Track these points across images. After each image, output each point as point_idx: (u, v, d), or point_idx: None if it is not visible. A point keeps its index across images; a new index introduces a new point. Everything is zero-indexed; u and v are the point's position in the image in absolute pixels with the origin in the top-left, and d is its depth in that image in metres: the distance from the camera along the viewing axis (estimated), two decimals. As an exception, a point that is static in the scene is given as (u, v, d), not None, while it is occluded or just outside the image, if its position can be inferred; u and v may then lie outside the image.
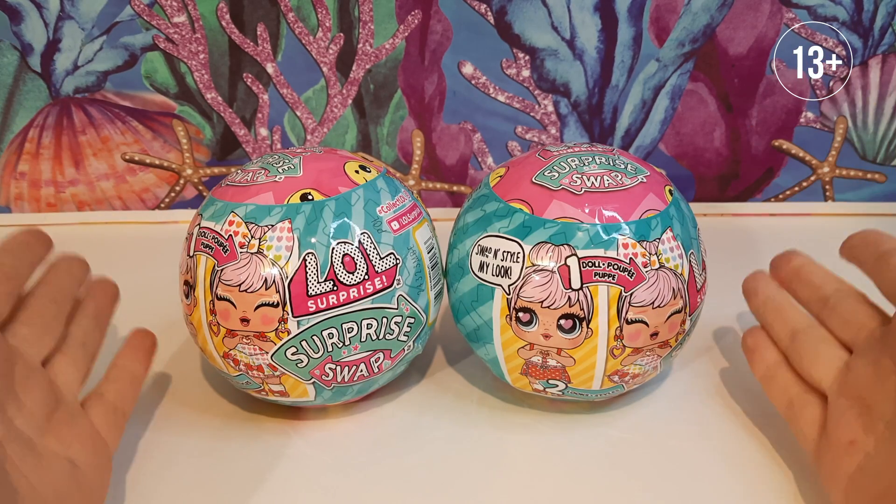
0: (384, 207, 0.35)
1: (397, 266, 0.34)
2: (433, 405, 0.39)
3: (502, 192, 0.36)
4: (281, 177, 0.35)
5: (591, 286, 0.33)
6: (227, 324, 0.34)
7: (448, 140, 0.59)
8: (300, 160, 0.36)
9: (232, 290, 0.33)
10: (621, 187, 0.35)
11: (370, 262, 0.34)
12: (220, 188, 0.36)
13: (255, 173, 0.36)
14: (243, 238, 0.33)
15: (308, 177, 0.35)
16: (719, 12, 0.54)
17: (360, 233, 0.34)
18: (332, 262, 0.33)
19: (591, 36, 0.55)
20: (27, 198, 0.61)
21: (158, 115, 0.58)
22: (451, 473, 0.35)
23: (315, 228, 0.33)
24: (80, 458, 0.31)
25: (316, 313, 0.33)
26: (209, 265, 0.34)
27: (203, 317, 0.35)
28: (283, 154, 0.37)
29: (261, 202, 0.34)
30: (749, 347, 0.38)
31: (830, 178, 0.60)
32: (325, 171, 0.35)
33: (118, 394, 0.35)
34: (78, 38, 0.55)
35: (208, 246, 0.34)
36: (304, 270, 0.33)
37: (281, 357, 0.34)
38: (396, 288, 0.34)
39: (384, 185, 0.36)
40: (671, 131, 0.58)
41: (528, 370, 0.35)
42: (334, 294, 0.33)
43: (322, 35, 0.55)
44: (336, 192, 0.35)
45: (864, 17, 0.54)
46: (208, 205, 0.36)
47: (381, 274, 0.34)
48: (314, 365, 0.34)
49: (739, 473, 0.34)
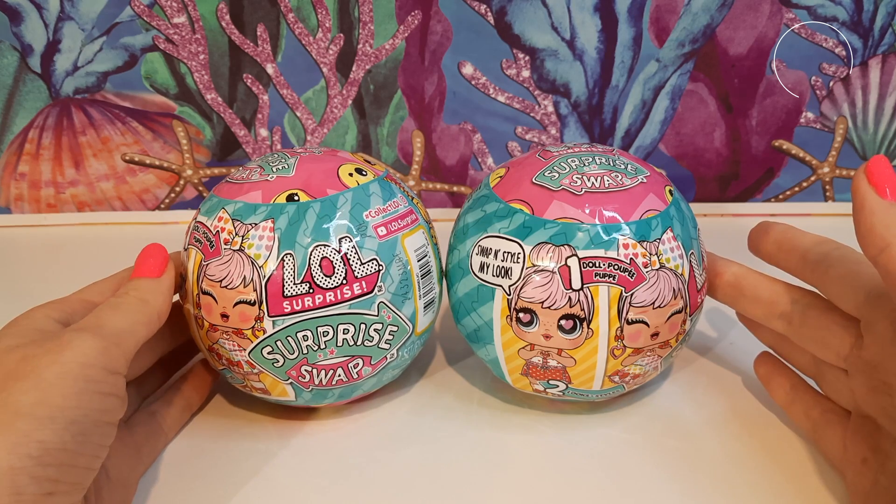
0: (372, 212, 0.35)
1: (379, 272, 0.34)
2: (433, 406, 0.39)
3: (502, 192, 0.36)
4: (273, 176, 0.35)
5: (591, 286, 0.33)
6: (209, 318, 0.34)
7: (448, 140, 0.59)
8: (296, 160, 0.36)
9: (214, 285, 0.34)
10: (621, 188, 0.34)
11: (350, 266, 0.33)
12: (220, 185, 0.37)
13: (251, 171, 0.36)
14: (228, 235, 0.34)
15: (299, 177, 0.35)
16: (719, 13, 0.54)
17: (341, 236, 0.34)
18: (310, 264, 0.33)
19: (591, 36, 0.55)
20: (27, 199, 0.61)
21: (158, 116, 0.58)
22: (452, 474, 0.35)
23: (296, 230, 0.33)
24: (113, 471, 0.32)
25: (291, 314, 0.33)
26: (197, 259, 0.34)
27: (191, 309, 0.35)
28: (282, 153, 0.37)
29: (249, 200, 0.34)
30: (764, 377, 0.38)
31: (831, 179, 0.60)
32: (318, 172, 0.35)
33: (169, 417, 0.37)
34: (78, 39, 0.55)
35: (199, 240, 0.35)
36: (282, 271, 0.33)
37: (258, 355, 0.34)
38: (377, 295, 0.34)
39: (377, 190, 0.36)
40: (671, 132, 0.58)
41: (528, 371, 0.35)
42: (310, 296, 0.33)
43: (322, 35, 0.55)
44: (324, 194, 0.34)
45: (864, 18, 0.54)
46: (207, 200, 0.36)
47: (360, 279, 0.34)
48: (290, 366, 0.34)
49: (740, 474, 0.34)
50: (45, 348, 0.28)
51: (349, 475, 0.35)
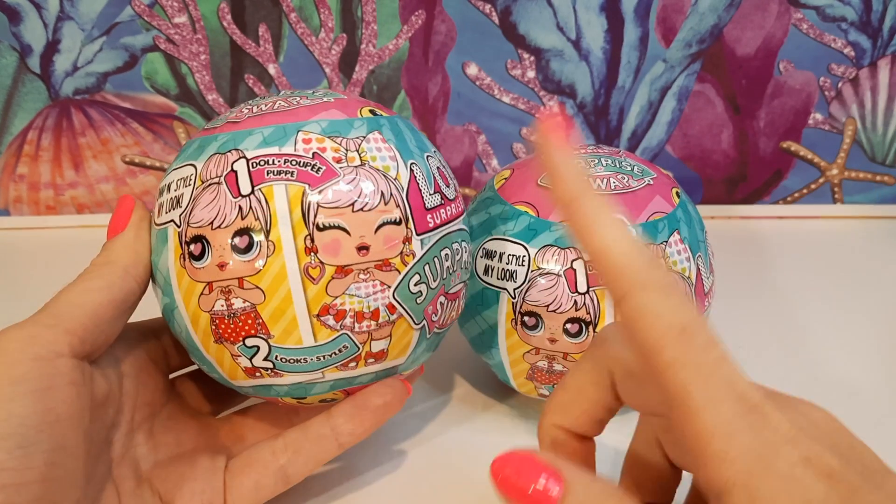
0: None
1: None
2: (437, 411, 0.39)
3: (507, 194, 0.35)
4: (316, 101, 0.31)
5: (597, 290, 0.32)
6: (335, 259, 0.28)
7: (452, 142, 0.58)
8: (321, 93, 0.32)
9: (343, 212, 0.29)
10: (628, 189, 0.34)
11: (452, 179, 0.32)
12: (226, 125, 0.31)
13: (274, 102, 0.32)
14: (335, 152, 0.29)
15: (347, 102, 0.32)
16: (727, 13, 0.54)
17: (433, 150, 0.32)
18: (433, 173, 0.31)
19: (597, 36, 0.54)
20: (26, 200, 0.60)
21: (159, 117, 0.58)
22: (456, 479, 0.35)
23: (403, 141, 0.31)
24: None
25: (435, 230, 0.30)
26: (295, 193, 0.29)
27: (295, 265, 0.28)
28: (283, 93, 0.33)
29: (328, 117, 0.30)
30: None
31: (839, 181, 0.59)
32: (352, 102, 0.32)
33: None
34: (77, 39, 0.55)
35: (283, 172, 0.29)
36: (416, 182, 0.30)
37: (404, 291, 0.29)
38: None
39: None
40: (678, 133, 0.58)
41: (533, 375, 0.35)
42: (443, 208, 0.31)
43: (325, 36, 0.55)
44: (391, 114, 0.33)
45: (873, 18, 0.54)
46: (212, 141, 0.31)
47: (459, 194, 0.33)
48: (430, 298, 0.30)
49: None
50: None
51: (351, 480, 0.35)
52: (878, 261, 0.53)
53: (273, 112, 0.30)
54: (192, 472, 0.30)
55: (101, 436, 0.29)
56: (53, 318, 0.27)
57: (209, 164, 0.29)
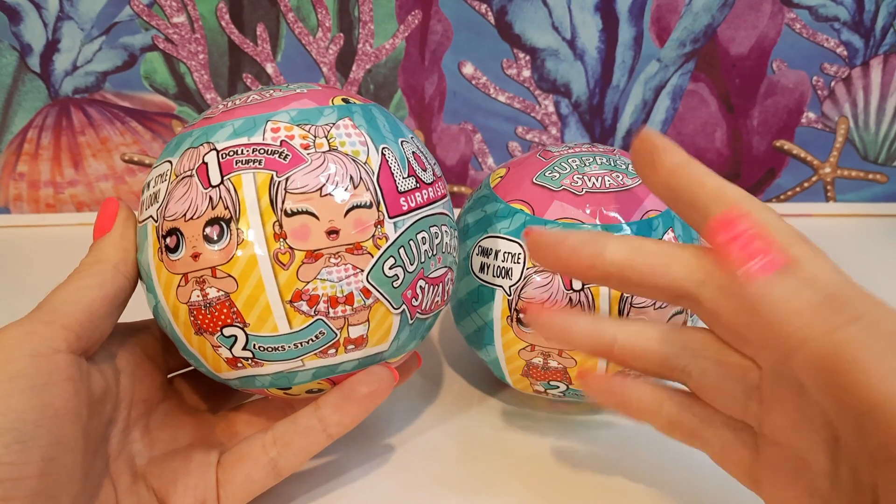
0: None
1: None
2: (433, 407, 0.39)
3: (503, 192, 0.36)
4: (291, 91, 0.32)
5: (592, 287, 0.33)
6: (305, 244, 0.28)
7: (448, 140, 0.59)
8: (295, 86, 0.33)
9: (311, 197, 0.29)
10: (622, 188, 0.34)
11: (430, 164, 0.32)
12: (203, 120, 0.32)
13: (248, 97, 0.32)
14: (302, 139, 0.29)
15: (321, 92, 0.32)
16: (720, 12, 0.54)
17: (410, 135, 0.32)
18: (407, 157, 0.31)
19: (591, 36, 0.55)
20: (26, 199, 0.60)
21: (158, 116, 0.58)
22: (452, 475, 0.35)
23: (376, 126, 0.30)
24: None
25: (409, 213, 0.30)
26: (263, 180, 0.29)
27: (263, 251, 0.28)
28: (261, 88, 0.33)
29: (299, 107, 0.31)
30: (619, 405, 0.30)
31: (832, 179, 0.60)
32: (327, 92, 0.32)
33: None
34: (77, 39, 0.55)
35: (251, 161, 0.29)
36: (388, 165, 0.30)
37: (379, 274, 0.29)
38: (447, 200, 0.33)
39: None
40: (672, 132, 0.58)
41: (529, 371, 0.35)
42: (419, 192, 0.30)
43: (322, 35, 0.55)
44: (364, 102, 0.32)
45: (866, 18, 0.54)
46: (188, 137, 0.31)
47: (439, 178, 0.32)
48: (408, 282, 0.30)
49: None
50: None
51: (347, 476, 0.35)
52: (871, 259, 0.53)
53: (246, 105, 0.31)
54: (186, 467, 0.30)
55: (99, 432, 0.29)
56: (50, 315, 0.27)
57: (183, 159, 0.29)
